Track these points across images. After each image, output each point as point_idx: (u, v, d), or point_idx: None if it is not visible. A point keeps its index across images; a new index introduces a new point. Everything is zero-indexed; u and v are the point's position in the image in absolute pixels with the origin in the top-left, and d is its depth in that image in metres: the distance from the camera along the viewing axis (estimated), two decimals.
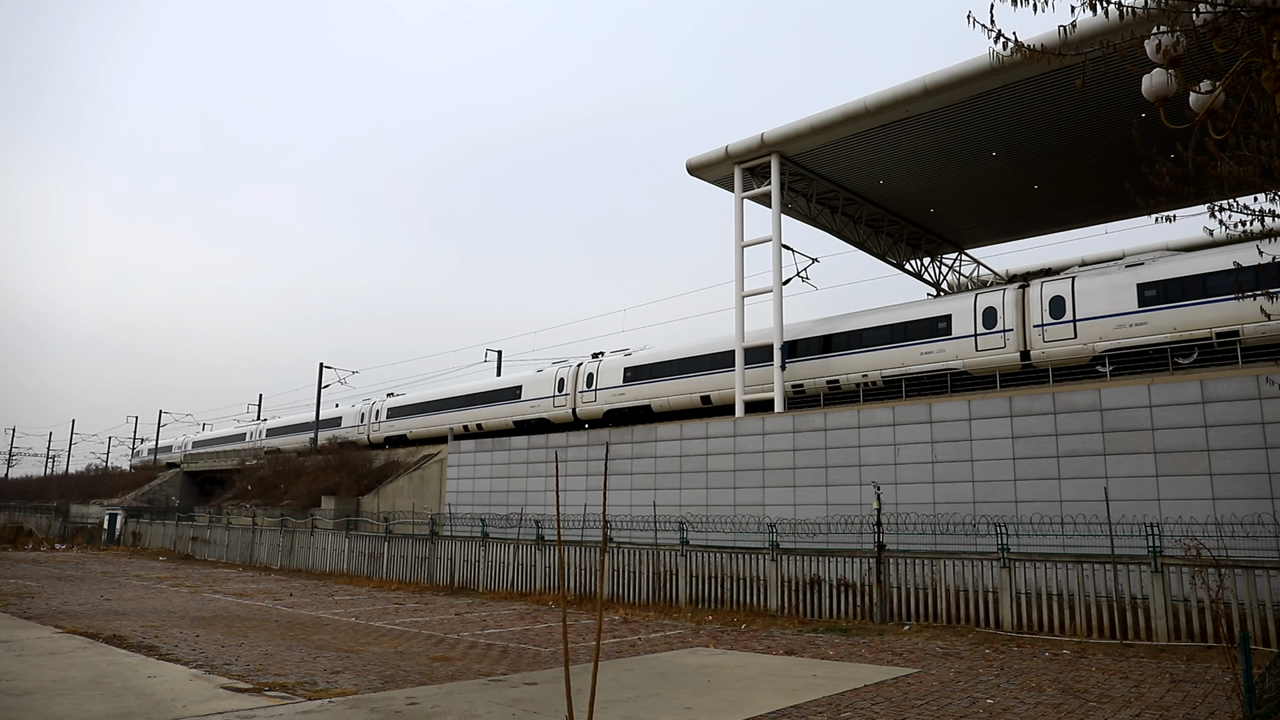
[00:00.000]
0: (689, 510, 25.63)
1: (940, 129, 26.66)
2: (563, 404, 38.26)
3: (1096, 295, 23.82)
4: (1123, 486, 18.56)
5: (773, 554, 18.88)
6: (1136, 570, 14.81)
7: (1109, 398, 19.29)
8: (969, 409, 21.38)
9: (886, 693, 10.29)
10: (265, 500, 45.92)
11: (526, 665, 12.42)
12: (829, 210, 32.86)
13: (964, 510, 20.49)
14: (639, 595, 20.84)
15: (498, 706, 9.32)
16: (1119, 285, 23.44)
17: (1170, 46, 7.17)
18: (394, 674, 11.56)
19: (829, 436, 23.83)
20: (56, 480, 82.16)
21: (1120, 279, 23.54)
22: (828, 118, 26.89)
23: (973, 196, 32.73)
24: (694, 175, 30.87)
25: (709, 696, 10.03)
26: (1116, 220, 34.82)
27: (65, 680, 10.63)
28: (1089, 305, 23.89)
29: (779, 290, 28.60)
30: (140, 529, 47.67)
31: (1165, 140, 8.40)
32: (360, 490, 40.18)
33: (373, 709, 9.16)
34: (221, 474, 59.83)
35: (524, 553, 23.97)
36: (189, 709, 9.17)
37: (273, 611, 19.55)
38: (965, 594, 16.35)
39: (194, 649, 13.54)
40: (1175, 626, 14.24)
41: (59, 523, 56.31)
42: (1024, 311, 25.28)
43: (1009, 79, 23.27)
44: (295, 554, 33.01)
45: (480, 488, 34.12)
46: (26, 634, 14.74)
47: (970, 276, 39.91)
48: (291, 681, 10.88)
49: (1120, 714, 9.09)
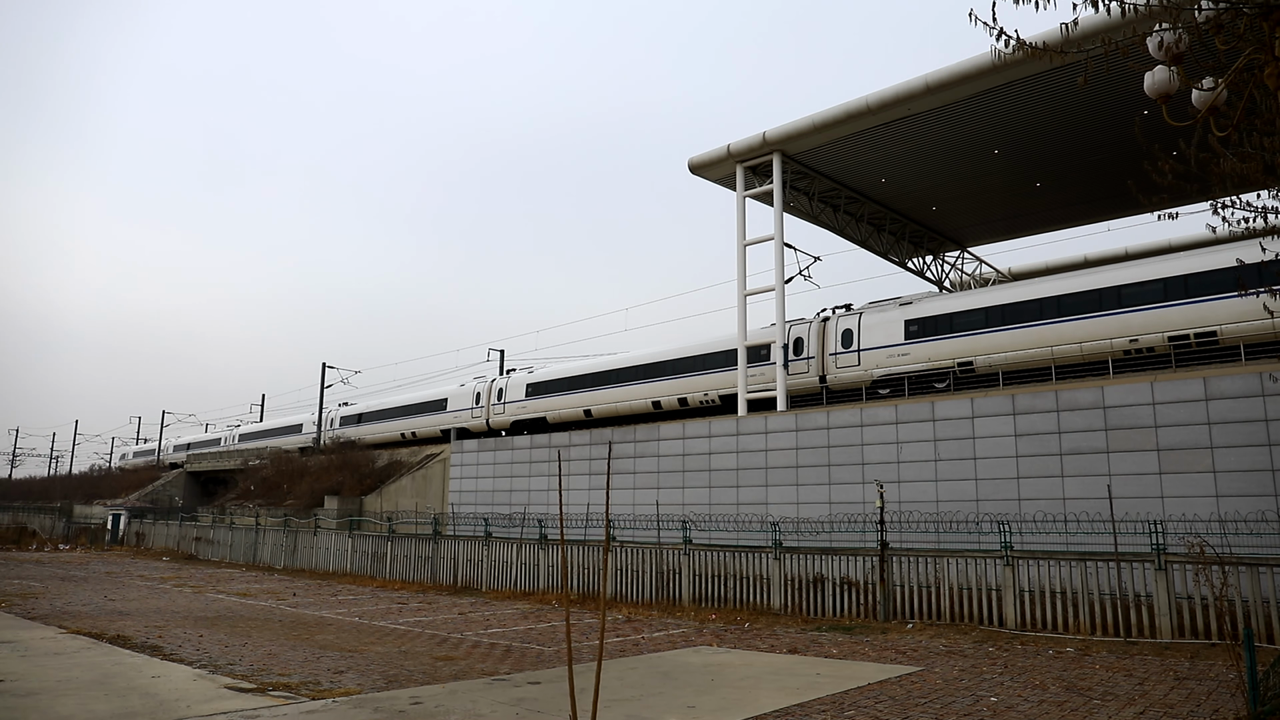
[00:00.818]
0: (692, 509, 25.64)
1: (942, 127, 26.63)
2: (479, 415, 42.53)
3: (875, 329, 27.39)
4: (1126, 484, 18.54)
5: (776, 552, 18.88)
6: (1140, 568, 14.79)
7: (1112, 395, 19.27)
8: (972, 407, 21.38)
9: (890, 691, 10.29)
10: (268, 500, 45.96)
11: (530, 664, 12.43)
12: (831, 208, 32.84)
13: (967, 508, 20.48)
14: (642, 594, 20.84)
15: (501, 706, 9.33)
16: (891, 321, 27.06)
17: (1172, 43, 7.16)
18: (398, 673, 11.57)
19: (831, 435, 23.83)
20: (60, 481, 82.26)
21: (893, 315, 27.20)
22: (829, 116, 26.86)
23: (975, 195, 32.69)
24: (696, 174, 30.86)
25: (712, 695, 10.04)
26: (1119, 218, 34.75)
27: (69, 681, 10.65)
28: (870, 338, 27.42)
29: (781, 288, 28.59)
30: (144, 529, 47.76)
31: (1168, 137, 8.39)
32: (363, 490, 40.21)
33: (376, 709, 9.17)
34: (224, 474, 59.93)
35: (527, 552, 23.99)
36: (193, 709, 9.18)
37: (276, 611, 19.57)
38: (968, 592, 16.34)
39: (198, 649, 13.56)
40: (1179, 624, 14.22)
41: (63, 523, 56.43)
42: (823, 341, 28.69)
43: (1011, 77, 23.23)
44: (299, 554, 33.06)
45: (483, 487, 34.15)
46: (31, 634, 14.77)
47: (973, 274, 39.88)
48: (295, 681, 10.90)
49: (1124, 712, 9.09)
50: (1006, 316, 24.75)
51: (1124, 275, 23.09)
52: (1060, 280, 24.70)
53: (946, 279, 39.48)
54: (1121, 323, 22.48)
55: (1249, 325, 20.28)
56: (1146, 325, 22.03)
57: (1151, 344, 21.93)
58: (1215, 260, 21.21)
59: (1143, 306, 22.23)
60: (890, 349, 26.73)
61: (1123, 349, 22.43)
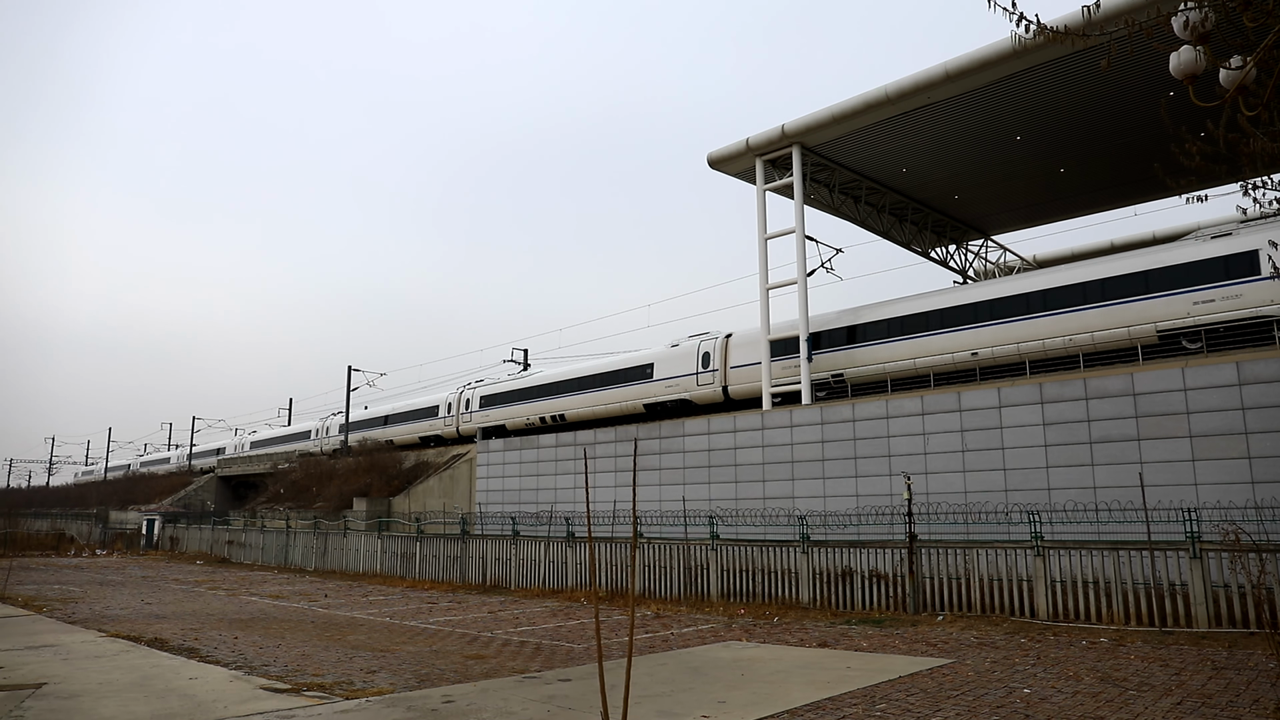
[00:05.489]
0: (718, 504, 25.60)
1: (963, 115, 26.36)
2: (450, 423, 47.19)
3: (743, 347, 31.69)
4: (1158, 471, 18.27)
5: (803, 546, 18.82)
6: (1174, 556, 14.58)
7: (1142, 382, 18.99)
8: (999, 396, 21.16)
9: (921, 684, 10.22)
10: (298, 503, 46.45)
11: (560, 662, 12.48)
12: (852, 200, 32.61)
13: (996, 499, 20.29)
14: (670, 590, 20.85)
15: (532, 703, 9.38)
16: (757, 340, 30.37)
17: (1198, 23, 7.02)
18: (429, 673, 11.66)
19: (857, 427, 23.69)
20: (95, 487, 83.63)
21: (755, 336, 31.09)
22: (848, 107, 26.67)
23: (997, 182, 32.32)
24: (715, 169, 30.75)
25: (743, 690, 10.02)
26: (1146, 202, 34.23)
27: (110, 683, 10.83)
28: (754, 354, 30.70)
29: (803, 282, 28.45)
30: (177, 533, 48.47)
31: (1195, 119, 8.23)
32: (391, 491, 40.53)
33: (409, 707, 9.25)
34: (255, 478, 60.64)
35: (555, 550, 24.07)
36: (230, 709, 9.31)
37: (308, 613, 19.79)
38: (999, 583, 16.20)
39: (233, 651, 13.74)
40: (1216, 613, 14.01)
41: (99, 529, 57.40)
42: (725, 356, 32.43)
43: (1032, 62, 22.93)
44: (329, 555, 33.40)
45: (510, 486, 34.29)
46: (72, 638, 15.05)
47: (997, 263, 39.45)
48: (329, 681, 11.01)
49: (1161, 702, 8.97)
50: (892, 329, 27.71)
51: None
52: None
53: (970, 268, 39.09)
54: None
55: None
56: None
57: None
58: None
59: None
60: (782, 362, 30.24)
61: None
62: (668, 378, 34.13)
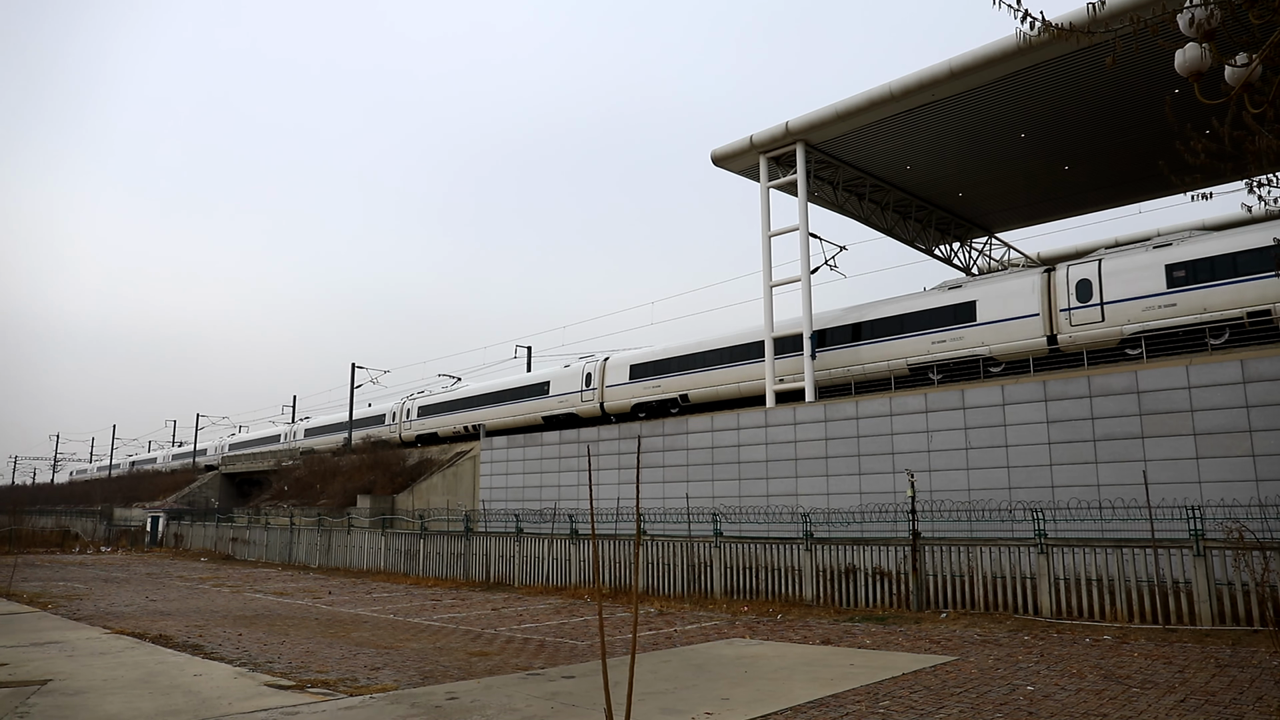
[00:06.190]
0: (722, 501, 25.61)
1: (967, 112, 26.31)
2: (394, 429, 52.07)
3: (619, 368, 36.83)
4: (1162, 469, 18.25)
5: (807, 543, 18.82)
6: (1178, 554, 14.56)
7: (1146, 380, 18.96)
8: (1002, 394, 21.14)
9: (925, 681, 10.23)
10: (302, 500, 46.51)
11: (564, 659, 12.50)
12: (856, 197, 32.58)
13: (999, 496, 20.27)
14: (674, 587, 20.87)
15: (536, 700, 9.40)
16: (625, 363, 36.79)
17: (1204, 20, 7.00)
18: (433, 669, 11.69)
19: (861, 425, 23.68)
20: (100, 484, 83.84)
21: (624, 357, 37.30)
22: (852, 104, 26.64)
23: (1001, 179, 32.27)
24: (719, 166, 30.74)
25: (746, 687, 10.03)
26: (1150, 199, 34.16)
27: (115, 679, 10.87)
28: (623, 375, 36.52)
29: (807, 279, 28.44)
30: (182, 530, 48.59)
31: (1200, 116, 8.22)
32: (395, 488, 40.57)
33: (413, 704, 9.28)
34: (258, 475, 60.74)
35: (558, 547, 24.10)
36: (234, 706, 9.34)
37: (312, 609, 19.84)
38: (1002, 580, 16.19)
39: (237, 647, 13.78)
40: (1219, 611, 13.99)
41: (103, 526, 57.55)
42: (603, 376, 37.51)
43: (1036, 59, 22.88)
44: (333, 553, 33.46)
45: (513, 483, 34.33)
46: (77, 635, 15.11)
47: (1000, 260, 39.38)
48: (333, 678, 11.04)
49: (1164, 700, 8.96)
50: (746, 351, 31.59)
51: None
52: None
53: (975, 265, 39.03)
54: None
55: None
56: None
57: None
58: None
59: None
60: (630, 385, 36.05)
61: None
62: (560, 394, 39.56)
